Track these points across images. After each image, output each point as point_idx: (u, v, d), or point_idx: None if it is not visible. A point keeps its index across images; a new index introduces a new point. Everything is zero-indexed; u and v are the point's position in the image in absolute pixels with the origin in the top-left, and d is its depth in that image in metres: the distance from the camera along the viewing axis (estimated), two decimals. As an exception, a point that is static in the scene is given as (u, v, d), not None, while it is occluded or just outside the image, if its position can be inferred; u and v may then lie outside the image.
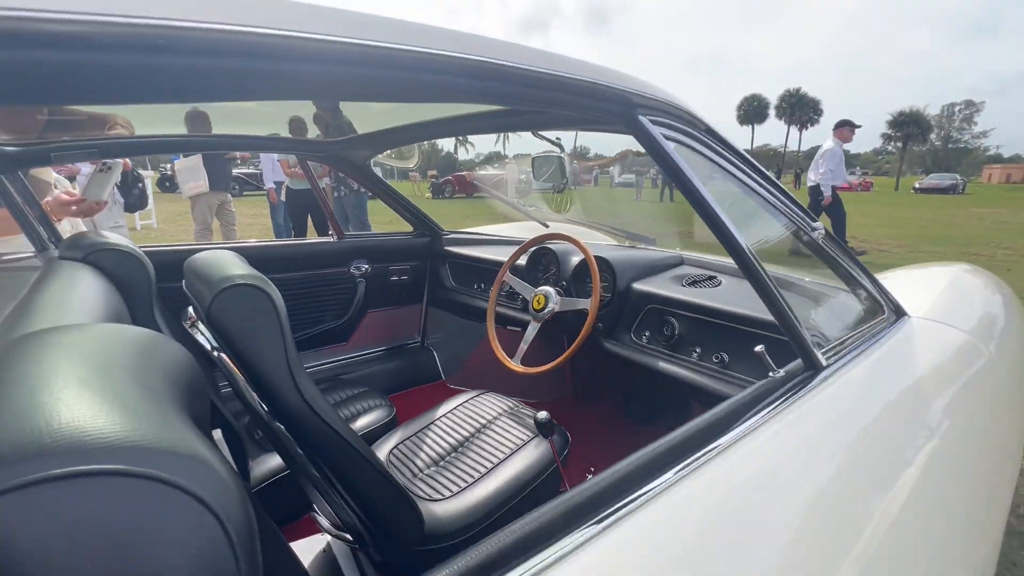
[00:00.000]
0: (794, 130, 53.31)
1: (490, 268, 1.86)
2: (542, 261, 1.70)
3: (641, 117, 0.68)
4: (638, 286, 1.42)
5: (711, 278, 1.42)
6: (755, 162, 0.86)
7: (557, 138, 1.22)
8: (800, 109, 49.99)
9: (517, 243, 1.79)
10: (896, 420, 0.77)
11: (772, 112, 52.84)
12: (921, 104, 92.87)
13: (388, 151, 1.82)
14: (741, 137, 60.24)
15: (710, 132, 0.80)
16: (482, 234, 2.24)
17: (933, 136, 50.31)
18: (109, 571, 0.24)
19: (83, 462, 0.25)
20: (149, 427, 0.28)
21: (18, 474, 0.23)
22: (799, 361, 0.77)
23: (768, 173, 0.88)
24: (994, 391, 0.99)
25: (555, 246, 1.65)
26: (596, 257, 1.44)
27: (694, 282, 1.40)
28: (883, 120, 42.59)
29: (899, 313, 1.03)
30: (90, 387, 0.30)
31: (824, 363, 0.76)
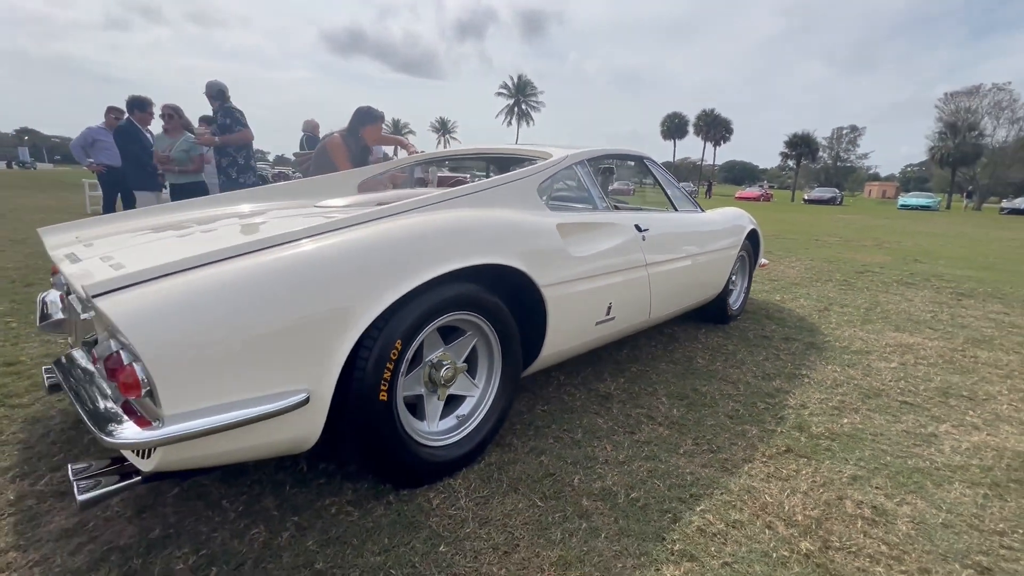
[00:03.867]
0: (710, 145, 59.15)
1: None
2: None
3: (645, 160, 2.57)
4: None
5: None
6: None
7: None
8: (714, 128, 55.83)
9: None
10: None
11: (691, 129, 58.34)
12: (812, 128, 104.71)
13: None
14: (666, 150, 65.66)
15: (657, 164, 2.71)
16: None
17: (824, 155, 57.74)
18: None
19: None
20: None
21: None
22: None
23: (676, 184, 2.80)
24: (702, 236, 2.96)
25: None
26: None
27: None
28: (782, 141, 48.87)
29: (700, 208, 3.00)
30: None
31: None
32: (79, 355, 1.41)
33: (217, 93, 4.33)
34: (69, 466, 1.16)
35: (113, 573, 1.15)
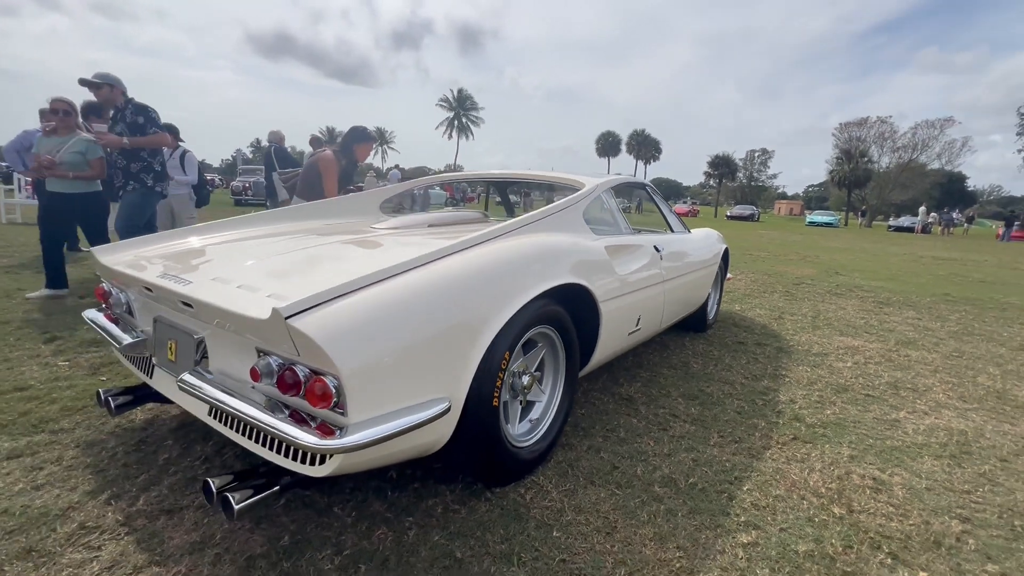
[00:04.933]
0: (641, 163, 62.64)
1: None
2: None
3: (647, 188, 2.87)
4: None
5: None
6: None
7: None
8: (645, 147, 59.27)
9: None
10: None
11: (624, 148, 61.50)
12: (730, 149, 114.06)
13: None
14: (601, 166, 68.60)
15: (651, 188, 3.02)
16: None
17: (741, 175, 62.84)
18: None
19: None
20: None
21: None
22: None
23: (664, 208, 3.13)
24: (694, 254, 3.34)
25: None
26: None
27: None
28: (705, 160, 52.85)
29: (688, 229, 3.36)
30: None
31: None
32: (216, 371, 1.42)
33: (113, 82, 3.58)
34: (210, 480, 1.22)
35: (271, 573, 1.23)
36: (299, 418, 1.19)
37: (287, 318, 1.09)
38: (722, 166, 49.74)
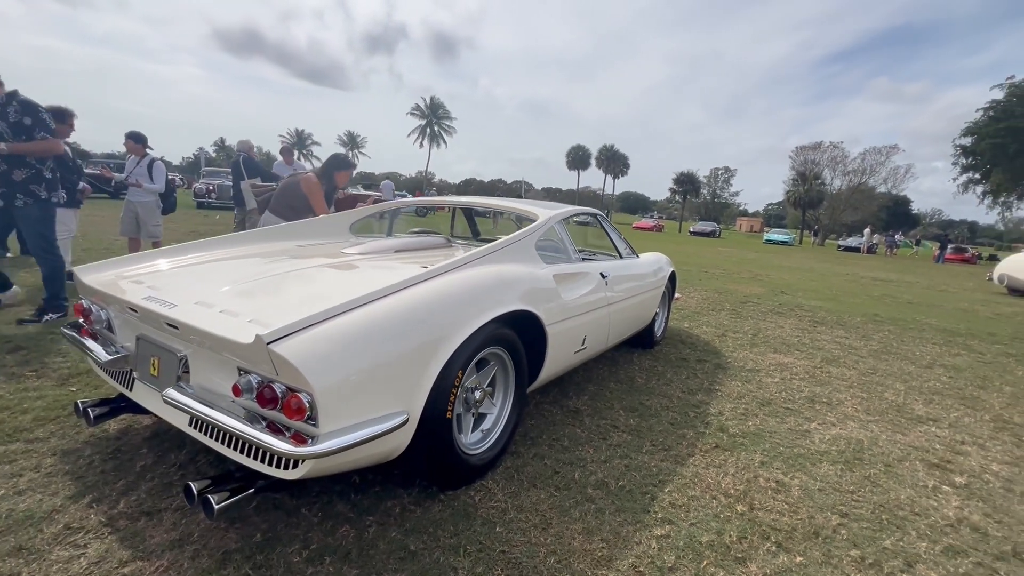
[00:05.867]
0: (610, 177, 64.20)
1: None
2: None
3: (599, 216, 3.15)
4: None
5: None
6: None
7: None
8: (614, 161, 60.85)
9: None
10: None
11: (594, 162, 62.90)
12: (694, 167, 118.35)
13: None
14: (571, 179, 69.83)
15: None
16: None
17: (705, 192, 65.19)
18: None
19: None
20: None
21: None
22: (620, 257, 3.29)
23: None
24: (638, 279, 3.66)
25: None
26: None
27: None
28: (671, 176, 54.84)
29: (636, 254, 3.67)
30: None
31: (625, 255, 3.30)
32: (196, 386, 1.58)
33: None
34: (191, 483, 1.39)
35: (244, 567, 1.40)
36: (275, 428, 1.37)
37: (268, 343, 1.29)
38: (687, 183, 51.58)
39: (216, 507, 1.36)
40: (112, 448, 1.97)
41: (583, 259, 2.87)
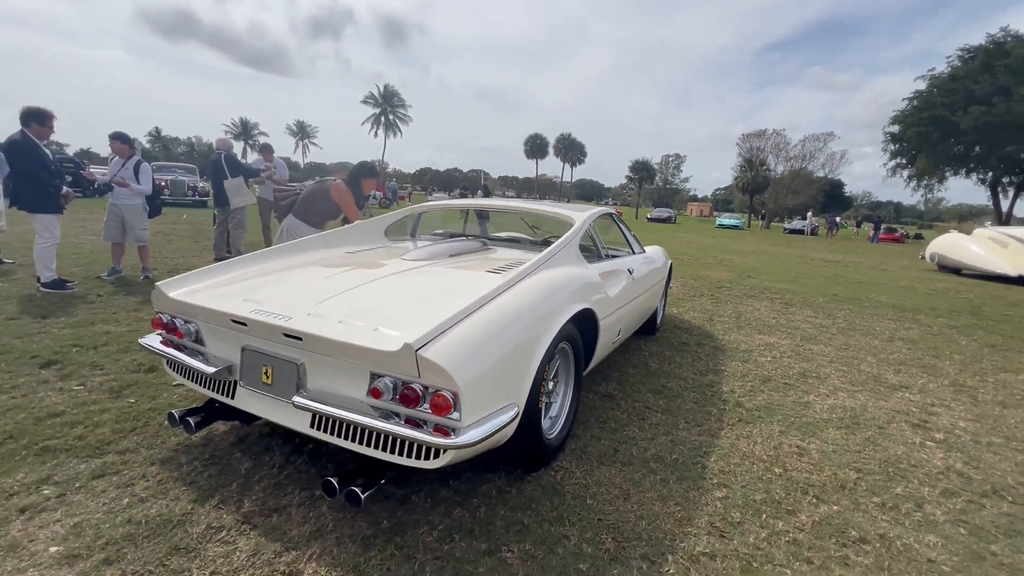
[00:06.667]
0: (567, 165, 64.98)
1: None
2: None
3: (613, 215, 3.39)
4: None
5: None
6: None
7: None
8: (571, 150, 61.64)
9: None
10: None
11: (552, 150, 63.44)
12: (648, 154, 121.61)
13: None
14: (529, 167, 70.21)
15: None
16: None
17: (658, 178, 67.14)
18: None
19: None
20: None
21: None
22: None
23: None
24: (651, 272, 3.97)
25: None
26: None
27: None
28: (626, 163, 56.25)
29: (643, 248, 3.96)
30: None
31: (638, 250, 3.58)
32: (314, 390, 1.71)
33: None
34: (331, 479, 1.56)
35: (388, 549, 1.58)
36: (413, 423, 1.55)
37: (417, 350, 1.46)
38: (642, 170, 52.98)
39: (363, 497, 1.54)
40: (207, 455, 2.06)
41: (609, 256, 3.13)
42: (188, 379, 2.05)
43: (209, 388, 1.98)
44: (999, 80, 23.61)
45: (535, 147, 64.86)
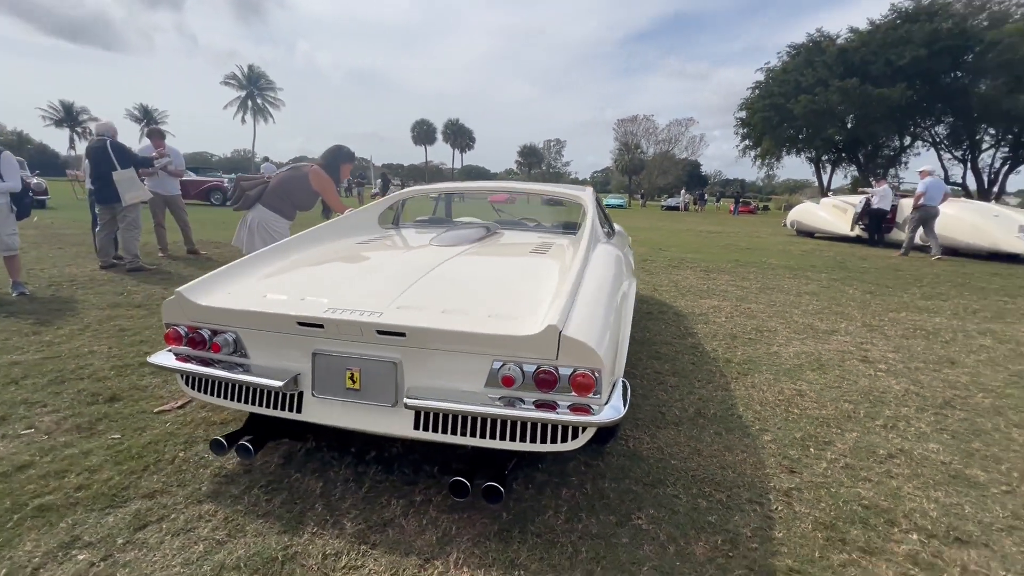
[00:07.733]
0: (457, 152, 64.54)
1: None
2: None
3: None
4: None
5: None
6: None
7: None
8: (460, 136, 61.26)
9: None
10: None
11: (440, 136, 62.44)
12: (532, 139, 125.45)
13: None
14: (417, 154, 68.38)
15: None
16: None
17: (544, 164, 69.64)
18: None
19: None
20: None
21: None
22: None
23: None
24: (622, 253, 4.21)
25: None
26: None
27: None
28: (515, 149, 57.54)
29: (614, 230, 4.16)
30: None
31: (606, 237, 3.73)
32: (412, 388, 1.58)
33: None
34: (461, 479, 1.48)
35: (529, 539, 1.53)
36: (546, 407, 1.50)
37: (561, 331, 1.42)
38: (531, 155, 54.53)
39: (503, 492, 1.48)
40: (263, 482, 1.79)
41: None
42: (228, 398, 1.76)
43: (265, 405, 1.72)
44: (819, 73, 28.14)
45: (423, 133, 63.31)
